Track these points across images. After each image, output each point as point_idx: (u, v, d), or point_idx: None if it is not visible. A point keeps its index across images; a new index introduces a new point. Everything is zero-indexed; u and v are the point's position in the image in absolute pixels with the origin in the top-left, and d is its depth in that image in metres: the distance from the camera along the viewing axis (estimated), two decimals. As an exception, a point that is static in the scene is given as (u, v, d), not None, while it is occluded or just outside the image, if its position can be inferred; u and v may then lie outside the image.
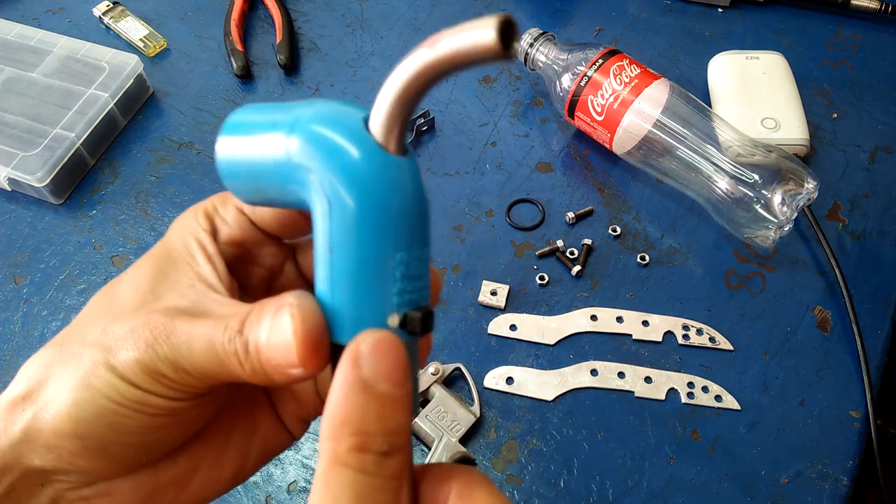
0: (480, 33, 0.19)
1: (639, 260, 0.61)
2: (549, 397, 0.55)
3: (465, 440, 0.52)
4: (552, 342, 0.57)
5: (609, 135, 0.63)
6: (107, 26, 0.77)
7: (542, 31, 0.67)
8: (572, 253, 0.61)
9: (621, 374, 0.56)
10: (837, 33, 0.75)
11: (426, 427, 0.51)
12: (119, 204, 0.66)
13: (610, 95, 0.61)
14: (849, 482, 0.51)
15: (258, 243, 0.29)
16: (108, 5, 0.77)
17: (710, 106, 0.67)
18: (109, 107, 0.67)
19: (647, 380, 0.55)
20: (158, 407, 0.25)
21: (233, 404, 0.30)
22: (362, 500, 0.21)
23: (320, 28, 0.77)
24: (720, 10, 0.78)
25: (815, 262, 0.61)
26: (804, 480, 0.51)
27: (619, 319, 0.58)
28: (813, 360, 0.56)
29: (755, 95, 0.65)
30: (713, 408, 0.54)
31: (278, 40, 0.74)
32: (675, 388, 0.55)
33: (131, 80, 0.68)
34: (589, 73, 0.62)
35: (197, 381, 0.25)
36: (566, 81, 0.64)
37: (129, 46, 0.75)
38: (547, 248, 0.61)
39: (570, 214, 0.63)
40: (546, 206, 0.64)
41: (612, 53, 0.63)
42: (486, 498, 0.24)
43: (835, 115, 0.69)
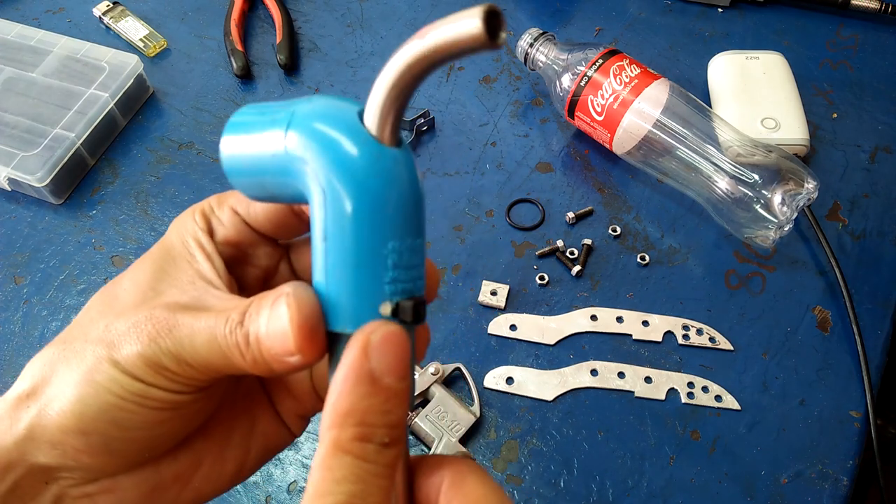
0: (466, 23, 0.19)
1: (639, 260, 0.61)
2: (549, 397, 0.55)
3: (465, 440, 0.52)
4: (552, 342, 0.57)
5: (609, 135, 0.63)
6: (107, 26, 0.77)
7: (542, 31, 0.67)
8: (572, 253, 0.61)
9: (621, 374, 0.56)
10: (837, 33, 0.76)
11: (426, 427, 0.51)
12: (119, 204, 0.66)
13: (610, 95, 0.61)
14: (849, 482, 0.51)
15: (253, 244, 0.29)
16: (108, 5, 0.77)
17: (710, 106, 0.67)
18: (109, 107, 0.67)
19: (647, 380, 0.55)
20: (161, 400, 0.26)
21: (232, 402, 0.30)
22: (361, 484, 0.22)
23: (320, 28, 0.77)
24: (720, 10, 0.78)
25: (815, 262, 0.61)
26: (804, 480, 0.51)
27: (619, 319, 0.58)
28: (813, 360, 0.56)
29: (755, 95, 0.65)
30: (713, 408, 0.54)
31: (278, 40, 0.74)
32: (675, 388, 0.55)
33: (131, 80, 0.68)
34: (589, 73, 0.62)
35: (199, 373, 0.25)
36: (566, 81, 0.64)
37: (129, 46, 0.75)
38: (547, 248, 0.61)
39: (570, 214, 0.63)
40: (546, 206, 0.64)
41: (612, 53, 0.63)
42: (477, 485, 0.24)
43: (835, 115, 0.69)
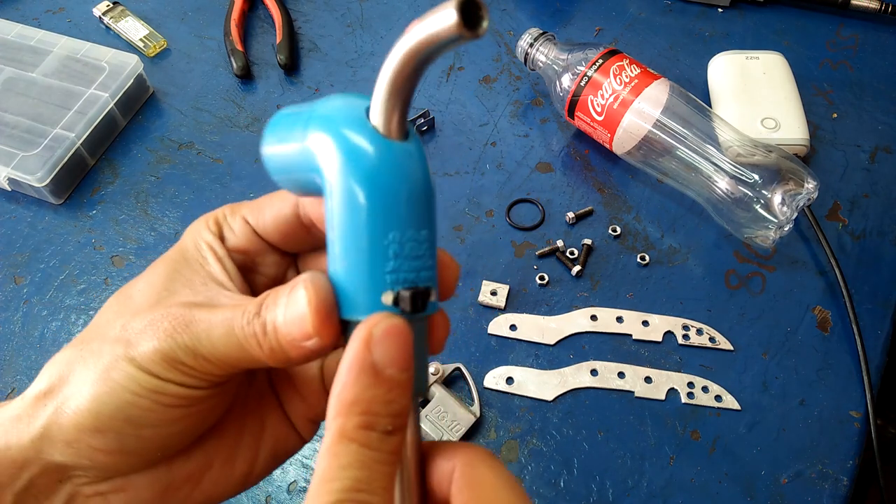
0: (443, 15, 0.20)
1: (639, 260, 0.61)
2: (549, 397, 0.55)
3: (465, 440, 0.52)
4: (552, 342, 0.57)
5: (609, 135, 0.63)
6: (107, 26, 0.77)
7: (542, 31, 0.67)
8: (572, 253, 0.61)
9: (621, 374, 0.56)
10: (837, 33, 0.76)
11: (426, 427, 0.51)
12: (119, 204, 0.66)
13: (610, 95, 0.61)
14: (849, 482, 0.51)
15: (261, 252, 0.30)
16: (108, 5, 0.77)
17: (710, 106, 0.67)
18: (109, 107, 0.67)
19: (647, 380, 0.55)
20: (176, 396, 0.26)
21: (244, 404, 0.31)
22: (366, 470, 0.23)
23: (320, 28, 0.77)
24: (720, 10, 0.78)
25: (815, 262, 0.61)
26: (804, 480, 0.51)
27: (619, 319, 0.58)
28: (813, 360, 0.56)
29: (755, 95, 0.65)
30: (713, 408, 0.54)
31: (278, 40, 0.74)
32: (675, 388, 0.55)
33: (131, 80, 0.68)
34: (589, 73, 0.62)
35: (215, 367, 0.26)
36: (566, 81, 0.64)
37: (129, 46, 0.75)
38: (547, 248, 0.61)
39: (570, 214, 0.63)
40: (546, 206, 0.64)
41: (612, 53, 0.63)
42: (489, 473, 0.25)
43: (835, 115, 0.69)
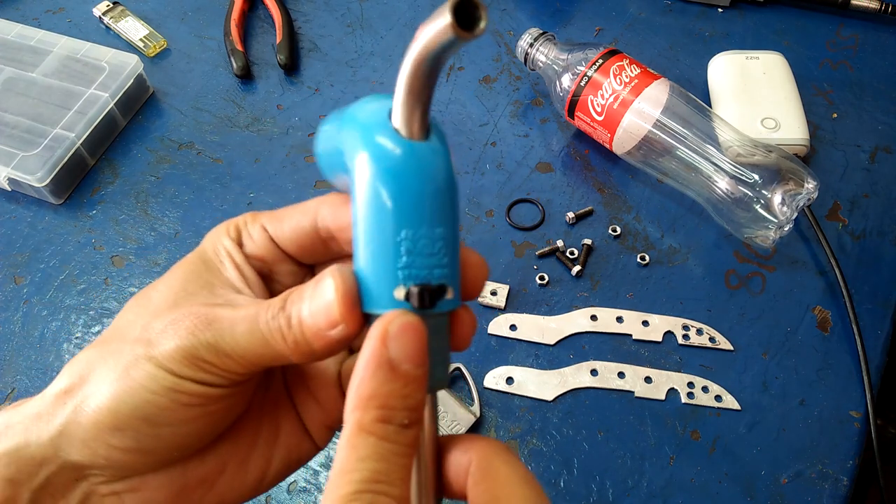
0: (440, 18, 0.20)
1: (639, 260, 0.61)
2: (549, 397, 0.55)
3: (465, 440, 0.52)
4: (552, 342, 0.57)
5: (609, 135, 0.63)
6: (107, 26, 0.77)
7: (542, 31, 0.67)
8: (572, 253, 0.61)
9: (621, 374, 0.56)
10: (837, 33, 0.76)
11: (426, 427, 0.51)
12: (119, 204, 0.66)
13: (610, 95, 0.61)
14: (849, 482, 0.51)
15: (278, 262, 0.31)
16: (108, 5, 0.77)
17: (710, 106, 0.67)
18: (109, 107, 0.67)
19: (647, 380, 0.55)
20: (194, 395, 0.26)
21: (260, 410, 0.32)
22: (383, 462, 0.23)
23: (320, 28, 0.77)
24: (720, 10, 0.78)
25: (815, 262, 0.61)
26: (804, 480, 0.51)
27: (619, 319, 0.58)
28: (813, 360, 0.56)
29: (755, 95, 0.65)
30: (713, 408, 0.54)
31: (278, 40, 0.74)
32: (675, 388, 0.55)
33: (131, 80, 0.68)
34: (589, 73, 0.62)
35: (236, 364, 0.26)
36: (566, 81, 0.64)
37: (129, 46, 0.75)
38: (547, 248, 0.61)
39: (570, 214, 0.63)
40: (546, 206, 0.64)
41: (612, 53, 0.63)
42: (504, 467, 0.26)
43: (835, 115, 0.69)
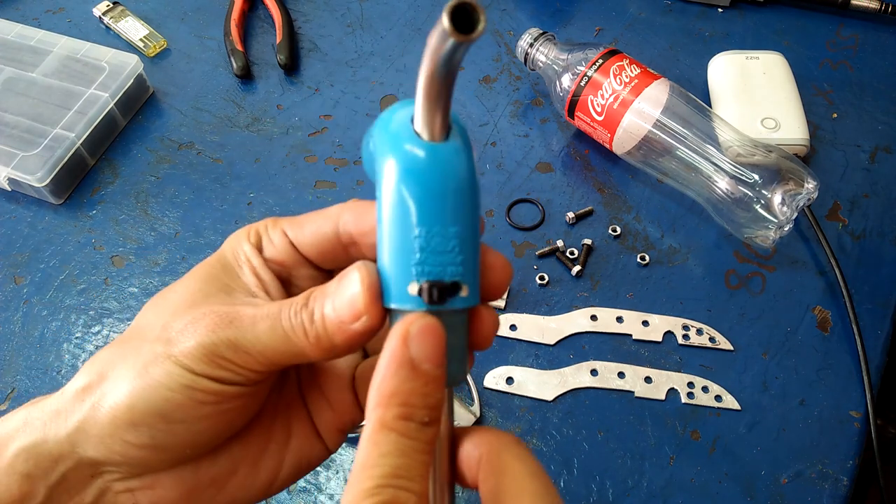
0: (440, 23, 0.21)
1: (639, 260, 0.61)
2: (549, 397, 0.55)
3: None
4: (552, 342, 0.57)
5: (609, 135, 0.63)
6: (107, 26, 0.77)
7: (542, 31, 0.67)
8: (572, 253, 0.61)
9: (621, 374, 0.56)
10: (837, 33, 0.75)
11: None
12: (119, 204, 0.66)
13: (610, 95, 0.61)
14: (849, 482, 0.51)
15: (297, 266, 0.31)
16: (108, 5, 0.77)
17: (710, 106, 0.67)
18: (109, 107, 0.67)
19: (647, 380, 0.55)
20: (210, 392, 0.27)
21: (273, 413, 0.32)
22: (404, 458, 0.24)
23: (320, 28, 0.77)
24: (720, 10, 0.78)
25: (815, 262, 0.61)
26: (804, 480, 0.51)
27: (619, 319, 0.58)
28: (813, 360, 0.56)
29: (755, 95, 0.65)
30: (713, 408, 0.54)
31: (278, 40, 0.74)
32: (675, 388, 0.55)
33: (131, 80, 0.68)
34: (589, 73, 0.62)
35: (255, 362, 0.27)
36: (566, 81, 0.64)
37: (129, 46, 0.75)
38: (547, 248, 0.61)
39: (570, 214, 0.63)
40: (546, 206, 0.64)
41: (612, 53, 0.63)
42: (515, 462, 0.26)
43: (835, 115, 0.69)
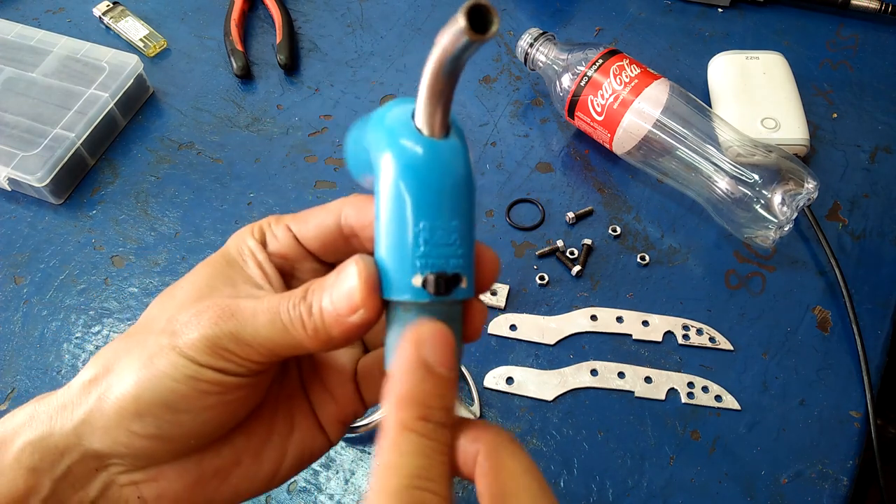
0: (455, 22, 0.22)
1: (639, 260, 0.61)
2: (549, 397, 0.55)
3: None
4: (552, 342, 0.57)
5: (609, 135, 0.63)
6: (107, 26, 0.77)
7: (542, 31, 0.67)
8: (572, 253, 0.61)
9: (621, 374, 0.56)
10: (837, 33, 0.75)
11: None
12: (119, 204, 0.66)
13: (610, 95, 0.61)
14: (849, 482, 0.51)
15: (300, 259, 0.32)
16: (108, 5, 0.77)
17: (710, 106, 0.67)
18: (109, 107, 0.67)
19: (647, 380, 0.55)
20: (214, 383, 0.28)
21: (275, 404, 0.33)
22: (426, 458, 0.25)
23: (320, 28, 0.77)
24: (720, 10, 0.78)
25: (815, 262, 0.61)
26: (804, 480, 0.51)
27: (619, 319, 0.58)
28: (813, 360, 0.56)
29: (755, 95, 0.65)
30: (713, 408, 0.54)
31: (278, 40, 0.74)
32: (675, 388, 0.55)
33: (131, 80, 0.68)
34: (589, 73, 0.62)
35: (256, 353, 0.28)
36: (566, 81, 0.64)
37: (129, 46, 0.75)
38: (547, 248, 0.61)
39: (570, 214, 0.63)
40: (546, 206, 0.64)
41: (612, 53, 0.63)
42: (510, 461, 0.27)
43: (835, 115, 0.69)
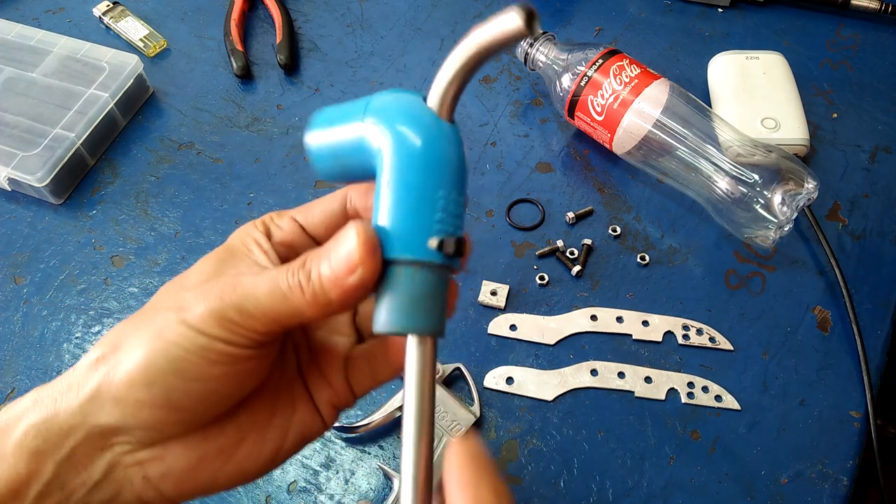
0: (509, 18, 0.26)
1: (639, 260, 0.61)
2: (549, 397, 0.55)
3: (465, 440, 0.52)
4: (552, 342, 0.57)
5: (609, 135, 0.63)
6: (107, 26, 0.77)
7: (542, 31, 0.67)
8: (572, 253, 0.61)
9: (621, 374, 0.56)
10: (837, 33, 0.76)
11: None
12: (119, 204, 0.66)
13: (610, 95, 0.61)
14: (849, 482, 0.51)
15: (305, 247, 0.33)
16: (108, 5, 0.77)
17: (710, 106, 0.67)
18: (109, 107, 0.67)
19: (647, 380, 0.55)
20: (223, 353, 0.29)
21: (277, 386, 0.34)
22: None
23: (320, 28, 0.77)
24: (720, 10, 0.78)
25: (815, 262, 0.61)
26: (804, 480, 0.51)
27: (619, 319, 0.58)
28: (813, 360, 0.56)
29: (755, 95, 0.65)
30: (713, 408, 0.54)
31: (278, 40, 0.74)
32: (675, 388, 0.55)
33: (131, 80, 0.68)
34: (589, 73, 0.62)
35: (260, 323, 0.29)
36: (566, 81, 0.64)
37: (129, 46, 0.75)
38: (547, 248, 0.61)
39: (570, 214, 0.63)
40: (546, 206, 0.64)
41: (612, 53, 0.63)
42: (472, 477, 0.27)
43: (835, 115, 0.69)
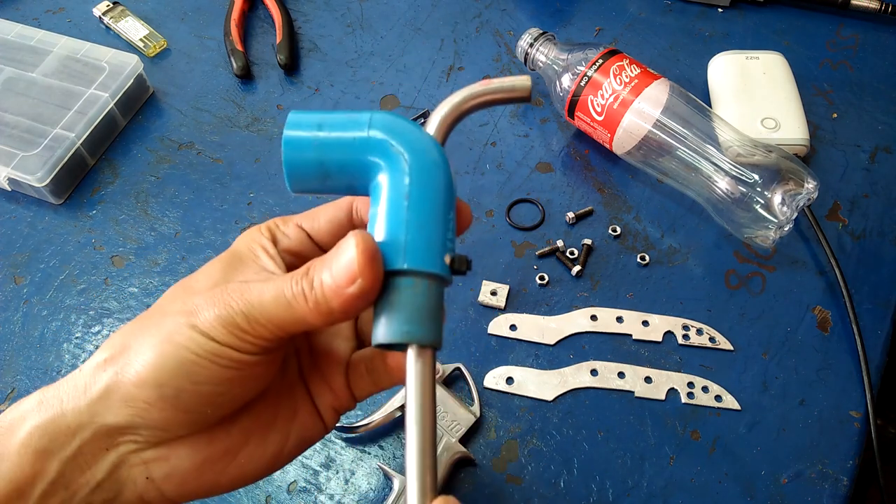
0: (522, 81, 0.33)
1: (639, 260, 0.61)
2: (549, 397, 0.55)
3: (465, 440, 0.52)
4: (552, 342, 0.57)
5: (609, 135, 0.63)
6: (107, 26, 0.77)
7: (542, 31, 0.67)
8: (572, 253, 0.61)
9: (621, 374, 0.56)
10: (837, 33, 0.76)
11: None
12: (119, 204, 0.66)
13: (610, 95, 0.61)
14: (849, 482, 0.51)
15: (311, 254, 0.34)
16: (108, 5, 0.77)
17: (710, 106, 0.67)
18: (109, 107, 0.67)
19: (647, 380, 0.55)
20: (231, 359, 0.30)
21: (279, 390, 0.35)
22: None
23: (320, 28, 0.77)
24: (720, 10, 0.78)
25: (815, 262, 0.61)
26: (804, 480, 0.51)
27: (619, 319, 0.58)
28: (813, 360, 0.56)
29: (755, 95, 0.65)
30: (713, 408, 0.54)
31: (278, 40, 0.74)
32: (675, 388, 0.55)
33: (131, 80, 0.68)
34: (589, 73, 0.62)
35: (267, 331, 0.30)
36: (566, 81, 0.64)
37: (129, 46, 0.75)
38: (547, 248, 0.61)
39: (570, 214, 0.63)
40: (546, 206, 0.64)
41: (612, 53, 0.63)
42: None
43: (835, 115, 0.69)
